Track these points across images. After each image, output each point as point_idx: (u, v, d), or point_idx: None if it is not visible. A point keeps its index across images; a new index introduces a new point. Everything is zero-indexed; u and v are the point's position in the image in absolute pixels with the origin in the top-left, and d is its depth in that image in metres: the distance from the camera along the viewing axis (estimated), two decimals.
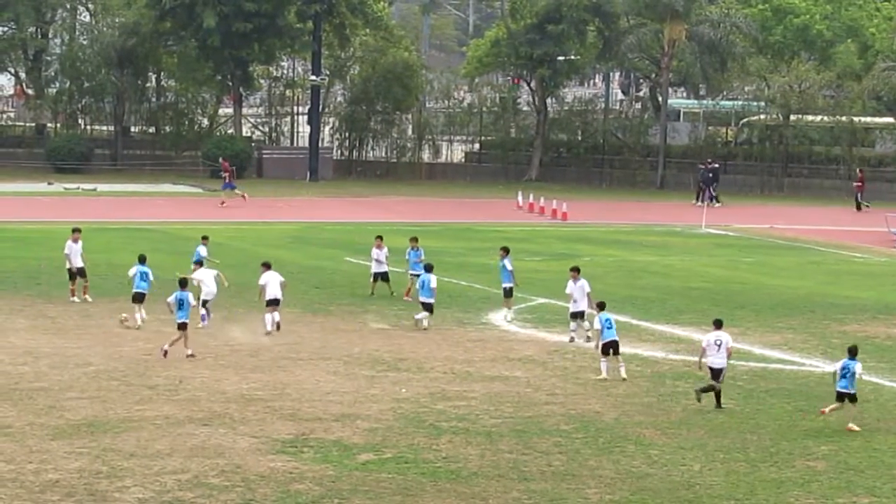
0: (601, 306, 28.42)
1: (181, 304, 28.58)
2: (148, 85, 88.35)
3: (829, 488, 20.59)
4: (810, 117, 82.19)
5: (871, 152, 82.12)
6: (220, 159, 69.96)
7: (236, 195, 64.00)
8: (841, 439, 23.47)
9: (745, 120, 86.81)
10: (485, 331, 32.97)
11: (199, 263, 34.30)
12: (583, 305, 31.51)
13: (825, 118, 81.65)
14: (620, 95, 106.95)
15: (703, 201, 71.67)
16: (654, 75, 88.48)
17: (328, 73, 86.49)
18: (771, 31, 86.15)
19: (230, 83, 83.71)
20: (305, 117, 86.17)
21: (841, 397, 24.39)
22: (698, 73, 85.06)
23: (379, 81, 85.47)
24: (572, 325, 31.88)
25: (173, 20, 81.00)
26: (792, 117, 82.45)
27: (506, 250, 35.24)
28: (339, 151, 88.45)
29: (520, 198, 66.96)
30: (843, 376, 24.32)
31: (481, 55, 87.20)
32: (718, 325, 26.29)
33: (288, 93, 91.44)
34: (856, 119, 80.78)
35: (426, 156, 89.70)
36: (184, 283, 29.13)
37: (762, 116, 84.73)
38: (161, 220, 56.40)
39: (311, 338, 31.09)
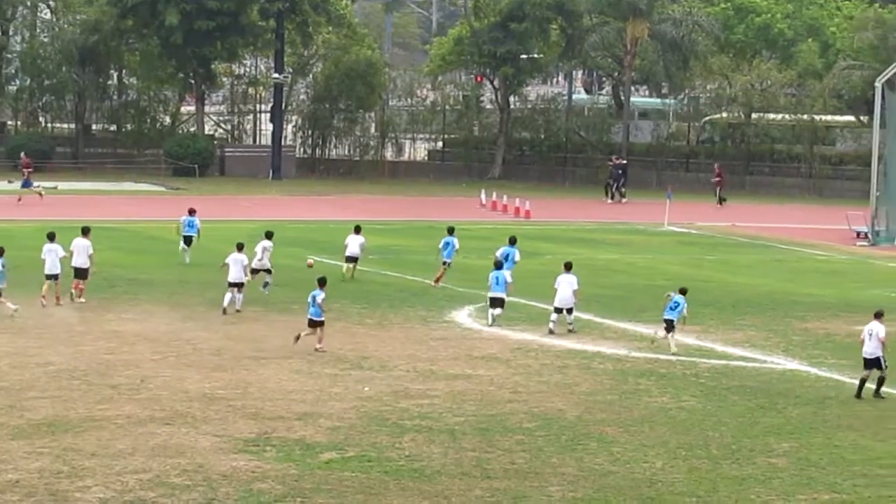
0: (682, 291, 30.83)
1: (314, 300, 29.21)
2: (109, 83, 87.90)
3: (791, 485, 20.66)
4: (772, 116, 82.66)
5: (831, 150, 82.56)
6: (22, 154, 67.72)
7: (34, 192, 62.55)
8: (802, 436, 23.56)
9: (707, 118, 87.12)
10: (448, 329, 32.94)
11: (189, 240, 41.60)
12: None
13: (787, 117, 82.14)
14: (583, 94, 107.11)
15: (612, 198, 72.44)
16: (616, 74, 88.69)
17: (291, 71, 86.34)
18: (733, 29, 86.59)
19: (192, 81, 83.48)
20: (268, 115, 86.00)
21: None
22: (661, 71, 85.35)
23: (342, 79, 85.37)
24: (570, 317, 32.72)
25: (135, 18, 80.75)
26: (753, 115, 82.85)
27: (512, 241, 36.65)
28: (301, 149, 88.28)
29: (483, 196, 66.99)
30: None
31: (444, 53, 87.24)
32: (878, 315, 26.84)
33: (251, 91, 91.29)
34: (817, 117, 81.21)
35: (389, 154, 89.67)
36: (323, 282, 29.50)
37: (724, 115, 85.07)
38: (123, 218, 56.12)
39: (274, 336, 30.98)
